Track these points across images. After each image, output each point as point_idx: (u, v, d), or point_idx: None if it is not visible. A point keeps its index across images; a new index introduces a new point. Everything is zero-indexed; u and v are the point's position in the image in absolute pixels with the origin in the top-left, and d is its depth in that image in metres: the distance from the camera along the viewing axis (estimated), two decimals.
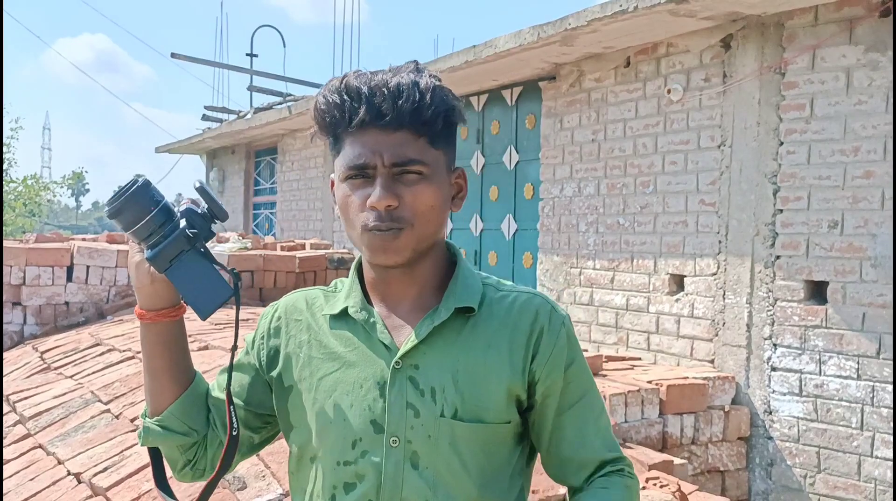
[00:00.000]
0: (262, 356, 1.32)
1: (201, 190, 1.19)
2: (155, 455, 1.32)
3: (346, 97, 1.17)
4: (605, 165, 5.52)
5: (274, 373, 1.30)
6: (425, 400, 1.18)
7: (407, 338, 1.21)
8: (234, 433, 1.24)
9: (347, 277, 1.33)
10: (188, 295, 1.21)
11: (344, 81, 1.17)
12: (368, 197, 1.16)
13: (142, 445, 1.32)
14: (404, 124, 1.16)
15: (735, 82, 4.63)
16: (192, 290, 1.20)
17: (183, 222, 1.18)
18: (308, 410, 1.24)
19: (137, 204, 1.16)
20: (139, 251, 1.22)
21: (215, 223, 1.21)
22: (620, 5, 4.55)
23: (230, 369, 1.27)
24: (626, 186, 5.35)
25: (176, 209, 1.20)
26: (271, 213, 11.09)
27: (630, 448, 3.76)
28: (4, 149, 11.88)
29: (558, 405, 1.24)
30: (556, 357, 1.23)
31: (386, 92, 1.15)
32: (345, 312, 1.26)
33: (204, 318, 1.21)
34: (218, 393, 1.33)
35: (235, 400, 1.30)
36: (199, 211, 1.19)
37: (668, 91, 4.99)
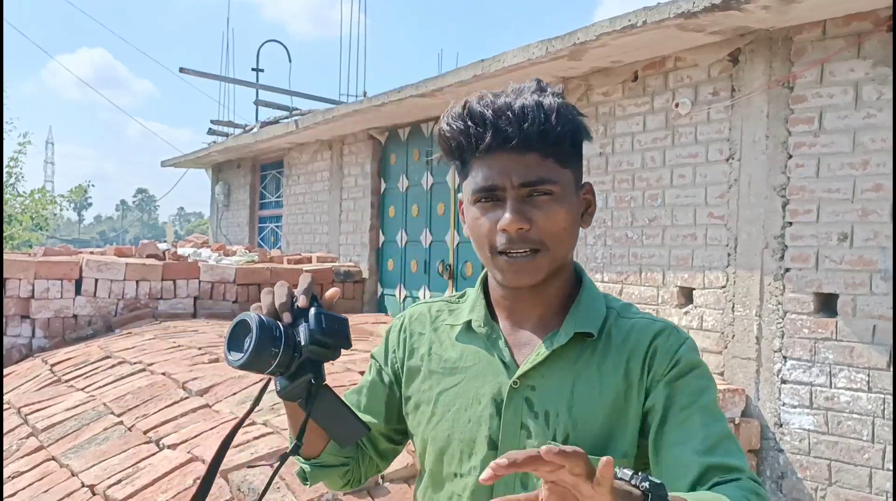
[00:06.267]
0: (396, 369, 1.36)
1: (318, 316, 1.14)
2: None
3: (470, 123, 1.17)
4: (613, 178, 5.54)
5: (402, 385, 1.34)
6: (539, 423, 1.18)
7: (526, 358, 1.21)
8: None
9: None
10: (322, 424, 1.21)
11: (467, 107, 1.18)
12: (498, 220, 1.15)
13: (309, 486, 1.39)
14: (532, 147, 1.15)
15: (743, 96, 4.66)
16: (325, 422, 1.21)
17: (305, 354, 1.13)
18: (427, 422, 1.28)
19: (260, 356, 1.10)
20: None
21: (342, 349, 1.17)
22: (629, 20, 4.59)
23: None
24: (635, 199, 5.37)
25: (298, 332, 1.14)
26: (277, 226, 11.12)
27: None
28: (13, 163, 11.97)
29: (661, 414, 1.15)
30: (668, 373, 1.17)
31: (511, 115, 1.15)
32: (468, 324, 1.28)
33: (344, 446, 1.30)
34: (361, 416, 1.32)
35: (371, 419, 1.35)
36: (322, 340, 1.13)
37: (677, 105, 5.01)
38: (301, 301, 1.14)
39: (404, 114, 7.59)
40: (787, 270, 4.40)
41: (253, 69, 12.68)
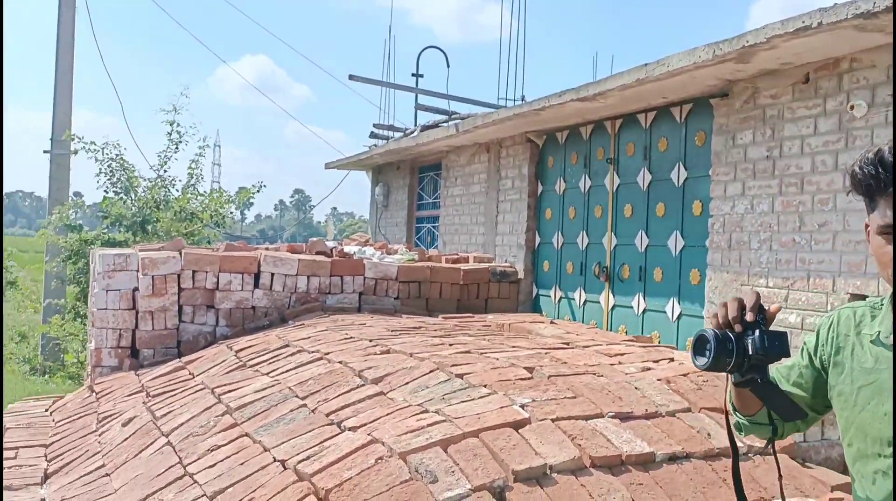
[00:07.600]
0: (823, 360, 1.71)
1: (761, 336, 1.58)
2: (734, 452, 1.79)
3: (880, 170, 1.46)
4: (781, 182, 5.44)
5: (828, 374, 1.68)
6: None
7: None
8: None
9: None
10: (769, 406, 1.70)
11: (878, 155, 1.47)
12: None
13: (743, 435, 1.87)
14: None
15: None
16: (772, 405, 1.69)
17: (752, 361, 1.60)
18: (850, 409, 1.60)
19: (718, 363, 1.59)
20: None
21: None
22: (803, 21, 4.51)
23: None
24: (803, 203, 5.25)
25: (747, 342, 1.59)
26: (433, 226, 11.47)
27: (810, 468, 3.72)
28: (194, 165, 13.05)
29: None
30: None
31: None
32: (878, 334, 1.57)
33: (786, 421, 1.74)
34: (786, 387, 1.76)
35: (800, 393, 1.75)
36: (765, 353, 1.58)
37: (851, 107, 4.87)
38: (749, 316, 1.58)
39: (563, 118, 7.70)
40: None
41: (413, 75, 13.13)
